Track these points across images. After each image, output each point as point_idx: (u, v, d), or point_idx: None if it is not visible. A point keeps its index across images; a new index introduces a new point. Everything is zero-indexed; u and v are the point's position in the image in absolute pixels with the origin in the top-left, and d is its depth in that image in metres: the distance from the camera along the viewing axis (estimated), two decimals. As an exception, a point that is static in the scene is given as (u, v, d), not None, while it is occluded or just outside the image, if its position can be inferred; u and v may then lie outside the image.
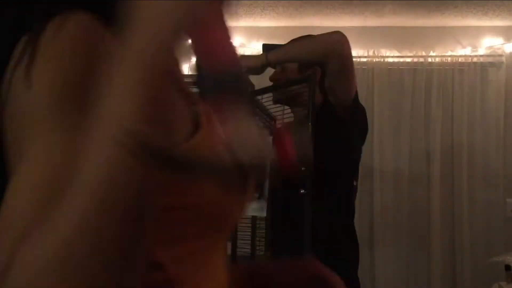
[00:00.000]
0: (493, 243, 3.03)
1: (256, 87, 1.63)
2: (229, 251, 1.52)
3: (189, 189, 0.45)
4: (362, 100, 3.21)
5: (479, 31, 3.26)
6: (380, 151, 3.15)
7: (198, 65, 0.53)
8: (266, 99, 1.62)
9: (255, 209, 1.42)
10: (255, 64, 1.45)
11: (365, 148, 1.80)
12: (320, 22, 3.26)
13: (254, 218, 1.83)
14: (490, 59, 3.21)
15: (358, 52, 3.29)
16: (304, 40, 1.49)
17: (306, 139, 1.26)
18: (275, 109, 1.60)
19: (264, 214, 1.41)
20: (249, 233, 1.84)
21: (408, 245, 3.12)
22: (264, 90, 1.56)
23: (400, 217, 3.14)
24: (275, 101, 1.57)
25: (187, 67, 3.43)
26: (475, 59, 3.21)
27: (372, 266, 3.10)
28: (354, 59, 3.25)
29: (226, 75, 0.48)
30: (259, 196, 1.40)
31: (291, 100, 1.50)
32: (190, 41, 0.47)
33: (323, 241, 1.41)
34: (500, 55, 3.20)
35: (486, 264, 2.88)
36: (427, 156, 3.19)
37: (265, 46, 1.68)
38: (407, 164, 3.19)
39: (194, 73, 0.58)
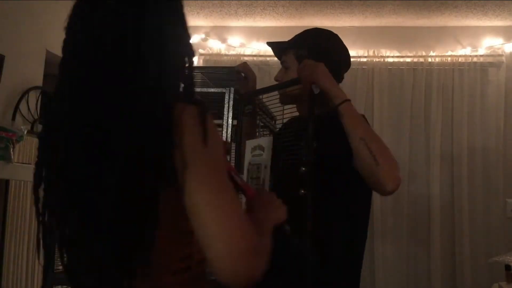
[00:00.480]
0: (493, 243, 3.03)
1: (258, 87, 1.63)
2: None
3: None
4: (362, 99, 3.26)
5: (479, 31, 3.26)
6: (380, 151, 3.15)
7: None
8: (267, 99, 1.61)
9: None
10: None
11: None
12: (320, 22, 3.26)
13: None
14: (490, 59, 3.21)
15: (358, 52, 3.29)
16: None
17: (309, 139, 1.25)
18: (276, 109, 1.60)
19: None
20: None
21: (408, 245, 3.12)
22: (265, 90, 1.55)
23: (400, 217, 3.14)
24: (281, 102, 1.54)
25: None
26: (475, 59, 3.21)
27: (372, 266, 3.10)
28: (354, 59, 3.27)
29: None
30: None
31: (295, 98, 1.49)
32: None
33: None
34: (500, 55, 3.21)
35: (486, 264, 2.88)
36: (427, 156, 3.19)
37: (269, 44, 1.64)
38: (407, 164, 3.19)
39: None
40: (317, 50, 1.41)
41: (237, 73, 1.55)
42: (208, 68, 1.73)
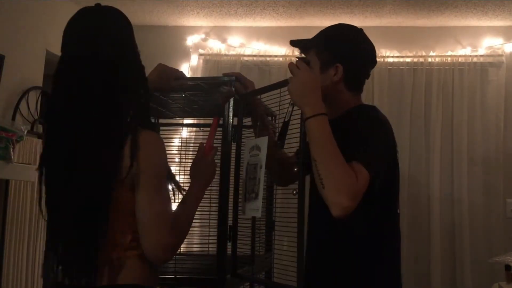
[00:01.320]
0: (493, 243, 3.03)
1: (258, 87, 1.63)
2: (229, 251, 1.51)
3: None
4: (362, 100, 3.24)
5: (479, 31, 3.26)
6: (380, 151, 3.15)
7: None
8: (267, 98, 1.61)
9: (251, 209, 1.41)
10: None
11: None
12: (320, 22, 3.26)
13: (254, 219, 1.83)
14: (490, 59, 3.21)
15: (358, 52, 3.29)
16: None
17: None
18: (275, 108, 1.60)
19: (259, 215, 1.40)
20: (249, 233, 1.84)
21: (408, 245, 3.12)
22: (262, 90, 1.55)
23: (400, 217, 3.12)
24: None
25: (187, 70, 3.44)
26: (475, 59, 3.21)
27: (372, 266, 3.10)
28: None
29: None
30: (256, 197, 1.39)
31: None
32: None
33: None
34: (500, 55, 3.20)
35: (486, 264, 2.88)
36: (427, 156, 3.19)
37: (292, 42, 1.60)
38: (407, 164, 3.19)
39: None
40: (338, 52, 1.40)
41: (236, 81, 1.56)
42: (206, 79, 1.75)
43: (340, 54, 1.39)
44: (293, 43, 1.53)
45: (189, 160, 2.02)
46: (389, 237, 1.36)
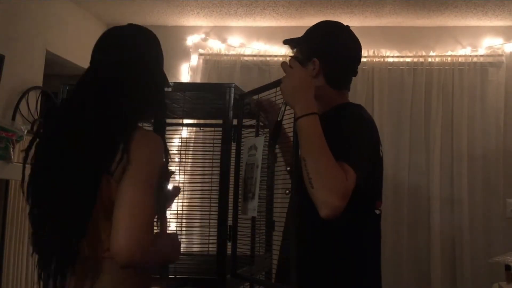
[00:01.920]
0: (493, 243, 3.03)
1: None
2: (229, 251, 1.51)
3: None
4: (362, 99, 3.25)
5: (479, 31, 3.26)
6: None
7: None
8: (265, 98, 1.61)
9: (249, 209, 1.41)
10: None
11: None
12: (320, 22, 3.26)
13: (254, 219, 1.83)
14: (490, 59, 3.21)
15: (358, 52, 3.29)
16: None
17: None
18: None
19: (255, 215, 1.39)
20: (249, 233, 1.84)
21: (408, 245, 3.12)
22: (259, 90, 1.55)
23: (400, 217, 3.14)
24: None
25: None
26: (475, 59, 3.21)
27: (372, 266, 3.09)
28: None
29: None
30: (252, 197, 1.39)
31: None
32: None
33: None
34: (500, 55, 3.20)
35: (486, 264, 2.88)
36: (427, 156, 3.19)
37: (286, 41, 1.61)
38: (407, 164, 3.19)
39: None
40: (314, 46, 1.40)
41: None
42: (205, 85, 1.75)
43: (317, 48, 1.39)
44: (285, 42, 1.53)
45: (189, 160, 2.02)
46: (371, 237, 1.35)
